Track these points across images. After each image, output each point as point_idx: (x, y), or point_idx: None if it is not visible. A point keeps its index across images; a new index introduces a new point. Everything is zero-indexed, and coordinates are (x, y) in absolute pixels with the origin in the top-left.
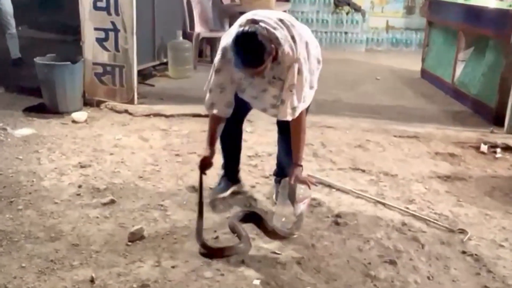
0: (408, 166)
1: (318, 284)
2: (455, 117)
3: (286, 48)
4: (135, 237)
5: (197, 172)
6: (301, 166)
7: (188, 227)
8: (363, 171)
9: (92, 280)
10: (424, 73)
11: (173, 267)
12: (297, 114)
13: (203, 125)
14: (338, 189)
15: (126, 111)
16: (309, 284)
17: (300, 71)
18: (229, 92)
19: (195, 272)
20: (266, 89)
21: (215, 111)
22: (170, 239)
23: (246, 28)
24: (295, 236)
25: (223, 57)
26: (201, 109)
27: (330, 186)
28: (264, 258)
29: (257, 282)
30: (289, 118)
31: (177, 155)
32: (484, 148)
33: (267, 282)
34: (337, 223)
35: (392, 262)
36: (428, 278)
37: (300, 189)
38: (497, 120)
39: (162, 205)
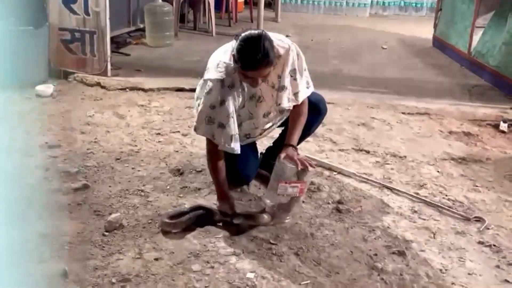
0: (418, 147)
1: (319, 278)
2: (471, 91)
3: (279, 48)
4: (113, 226)
5: (181, 154)
6: (295, 148)
7: None
8: (368, 152)
9: (65, 275)
10: (436, 42)
11: (156, 259)
12: (300, 99)
13: (187, 101)
14: (339, 173)
15: (98, 84)
16: (308, 277)
17: (298, 56)
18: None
19: (182, 265)
20: (272, 94)
21: (236, 147)
22: (153, 228)
23: (250, 32)
24: (286, 221)
25: (222, 86)
26: (184, 83)
27: (330, 169)
28: (258, 248)
29: (251, 275)
30: (291, 104)
31: (158, 134)
32: (503, 126)
33: (262, 276)
34: (338, 210)
35: (401, 253)
36: (441, 271)
37: (293, 170)
38: None
39: (142, 190)
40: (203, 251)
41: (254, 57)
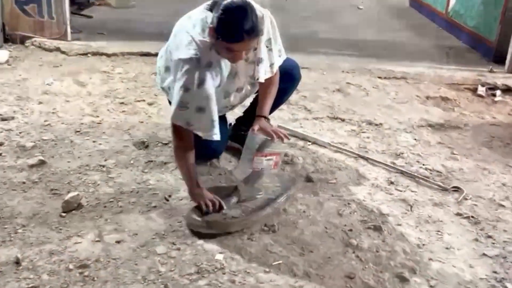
0: (395, 113)
1: (292, 257)
2: (448, 53)
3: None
4: (71, 206)
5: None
6: (268, 118)
7: (136, 192)
8: (343, 120)
9: (17, 262)
10: (414, 2)
11: (118, 242)
12: (275, 70)
13: (153, 67)
14: (313, 143)
15: (57, 49)
16: (281, 257)
17: (272, 23)
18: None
19: (145, 247)
20: (247, 69)
21: (217, 133)
22: (115, 208)
23: (231, 0)
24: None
25: (198, 66)
26: (150, 47)
27: (304, 139)
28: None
29: (220, 256)
30: (268, 76)
31: (122, 103)
32: (481, 90)
33: (232, 257)
34: (312, 183)
35: (377, 229)
36: (418, 246)
37: (267, 142)
38: (497, 57)
39: (104, 166)
40: (168, 232)
41: (242, 27)
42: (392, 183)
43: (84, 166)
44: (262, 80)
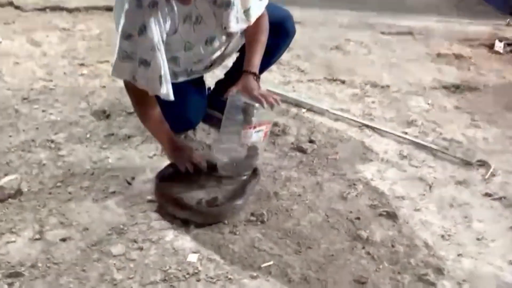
0: (402, 74)
1: (286, 256)
2: (459, 5)
3: None
4: (6, 194)
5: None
6: (257, 76)
7: (91, 174)
8: (343, 82)
9: None
10: None
11: (63, 240)
12: (253, 18)
13: None
14: (309, 109)
15: (10, 4)
16: (271, 256)
17: None
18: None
19: (98, 246)
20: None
21: (167, 91)
22: (62, 194)
23: None
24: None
25: (139, 6)
26: None
27: (298, 105)
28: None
29: (193, 257)
30: (242, 25)
31: (81, 64)
32: (499, 46)
33: (209, 257)
34: (309, 159)
35: (391, 216)
36: (443, 237)
37: (254, 110)
38: None
39: (53, 141)
40: (129, 225)
41: None
42: (405, 157)
43: (29, 141)
44: (233, 29)
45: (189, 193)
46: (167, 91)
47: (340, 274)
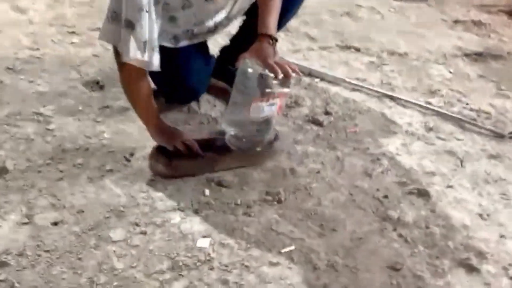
0: (420, 41)
1: (308, 240)
2: None
3: None
4: None
5: None
6: (274, 39)
7: (85, 150)
8: (358, 50)
9: None
10: None
11: (55, 223)
12: None
13: None
14: (323, 79)
15: None
16: (292, 240)
17: None
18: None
19: (95, 231)
20: None
21: (151, 59)
22: (53, 173)
23: None
24: (257, 149)
25: None
26: None
27: (310, 74)
28: (215, 198)
29: (204, 242)
30: None
31: (71, 32)
32: None
33: (222, 242)
34: (326, 132)
35: (422, 193)
36: (481, 217)
37: (268, 80)
38: None
39: (41, 114)
40: (129, 207)
41: None
42: (431, 129)
43: (14, 114)
44: None
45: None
46: (149, 58)
47: (371, 259)
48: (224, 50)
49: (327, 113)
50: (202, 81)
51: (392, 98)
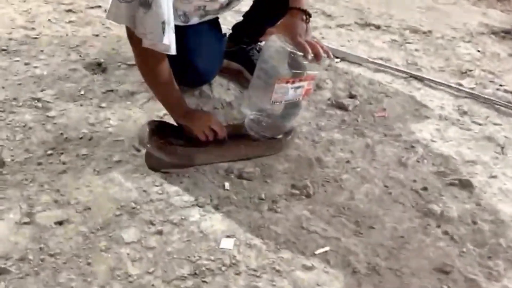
0: (443, 18)
1: (344, 238)
2: None
3: None
4: None
5: None
6: (307, 14)
7: (89, 139)
8: (378, 27)
9: None
10: None
11: (59, 223)
12: None
13: None
14: (343, 59)
15: None
16: (326, 239)
17: None
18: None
19: (105, 231)
20: None
21: (169, 42)
22: (55, 165)
23: None
24: (277, 137)
25: None
26: None
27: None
28: (236, 192)
29: (228, 243)
30: None
31: (69, 11)
32: None
33: (248, 243)
34: (351, 116)
35: (464, 185)
36: None
37: (297, 60)
38: None
39: (39, 99)
40: (142, 203)
41: None
42: (465, 113)
43: (10, 100)
44: None
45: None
46: (169, 42)
47: (417, 261)
48: (237, 27)
49: (351, 96)
50: (214, 63)
51: (420, 79)
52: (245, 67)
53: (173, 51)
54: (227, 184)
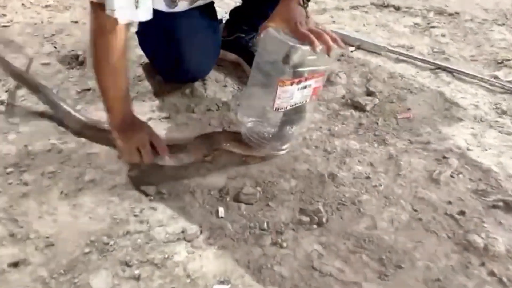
0: None
1: (366, 283)
2: None
3: None
4: None
5: None
6: (304, 1)
7: (59, 152)
8: (398, 9)
9: None
10: None
11: (15, 264)
12: None
13: None
14: (359, 47)
15: None
16: (344, 284)
17: None
18: None
19: (69, 274)
20: None
21: (143, 18)
22: (15, 187)
23: None
24: (281, 152)
25: None
26: None
27: (342, 41)
28: (233, 220)
29: None
30: None
31: None
32: None
33: (250, 285)
34: (369, 118)
35: (510, 206)
36: None
37: (300, 55)
38: None
39: (2, 103)
40: (117, 237)
41: None
42: (504, 112)
43: None
44: None
45: None
46: (141, 16)
47: None
48: (234, 12)
49: (369, 93)
50: (209, 56)
51: (449, 71)
52: (243, 58)
53: (121, 19)
54: (221, 210)
